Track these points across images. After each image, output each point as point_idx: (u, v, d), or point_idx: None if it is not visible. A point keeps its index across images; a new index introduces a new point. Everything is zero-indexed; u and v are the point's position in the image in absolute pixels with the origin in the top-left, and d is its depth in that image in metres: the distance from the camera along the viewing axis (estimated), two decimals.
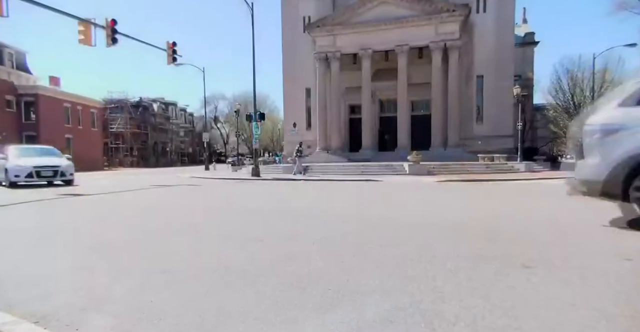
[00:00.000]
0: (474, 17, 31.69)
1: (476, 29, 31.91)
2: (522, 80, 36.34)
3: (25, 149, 19.12)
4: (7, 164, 16.09)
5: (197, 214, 8.17)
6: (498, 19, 31.51)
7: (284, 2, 36.77)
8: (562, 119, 42.66)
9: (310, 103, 36.08)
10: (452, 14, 29.86)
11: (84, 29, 15.29)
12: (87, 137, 46.88)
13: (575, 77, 39.08)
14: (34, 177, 16.03)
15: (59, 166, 16.73)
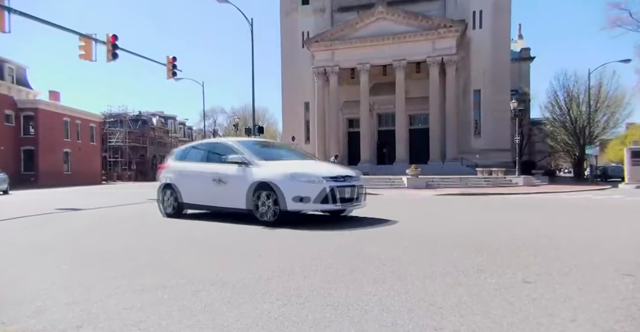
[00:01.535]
0: (471, 33, 32.18)
1: (473, 44, 32.36)
2: (518, 94, 36.67)
3: None
4: None
5: (198, 228, 8.12)
6: (494, 34, 31.99)
7: (283, 18, 37.33)
8: (559, 133, 42.90)
9: (309, 116, 36.29)
10: (448, 30, 30.33)
11: (85, 44, 15.47)
12: (86, 152, 46.89)
13: (571, 92, 39.48)
14: None
15: None
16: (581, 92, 38.23)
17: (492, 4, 32.25)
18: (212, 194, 8.34)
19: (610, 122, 40.13)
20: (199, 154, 9.29)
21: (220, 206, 8.43)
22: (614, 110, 38.94)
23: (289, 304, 3.08)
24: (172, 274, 4.05)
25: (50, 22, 14.71)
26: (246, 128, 28.38)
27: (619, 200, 14.77)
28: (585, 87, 34.88)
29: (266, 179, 7.44)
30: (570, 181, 33.06)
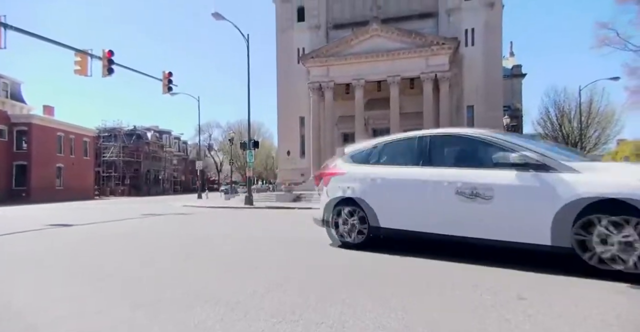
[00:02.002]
0: (463, 50, 32.78)
1: (465, 61, 32.93)
2: (511, 110, 37.21)
3: None
4: None
5: (190, 243, 8.04)
6: (486, 52, 32.61)
7: (279, 34, 37.85)
8: None
9: (305, 131, 36.44)
10: (441, 47, 30.87)
11: (81, 59, 15.50)
12: (79, 166, 46.59)
13: (562, 108, 40.15)
14: None
15: None
16: (572, 108, 38.91)
17: (484, 22, 32.99)
18: (454, 217, 5.29)
19: (601, 138, 40.72)
20: (406, 154, 6.17)
21: (474, 237, 5.19)
22: (604, 126, 39.56)
23: None
24: None
25: (47, 38, 14.81)
26: (241, 142, 28.39)
27: None
28: (576, 103, 35.53)
29: (614, 194, 4.11)
30: None
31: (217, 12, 21.97)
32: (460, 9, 33.05)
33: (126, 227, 11.60)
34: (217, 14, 22.00)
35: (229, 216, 16.62)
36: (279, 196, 26.44)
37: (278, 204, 23.53)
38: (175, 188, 73.71)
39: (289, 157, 37.02)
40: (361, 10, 35.47)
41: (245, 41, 23.99)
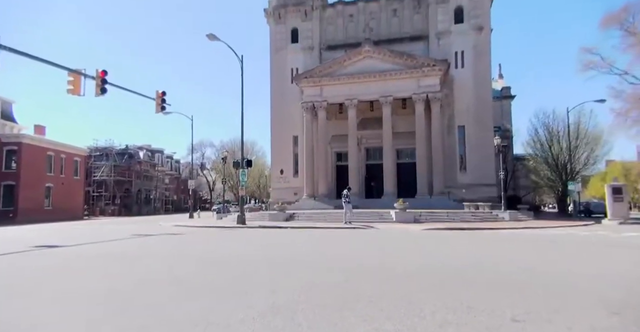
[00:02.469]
0: (453, 72, 33.41)
1: (456, 83, 33.52)
2: (501, 131, 37.67)
3: None
4: None
5: (182, 265, 7.89)
6: (475, 73, 33.26)
7: (273, 54, 38.37)
8: (542, 169, 43.74)
9: (298, 150, 36.51)
10: (432, 69, 31.45)
11: (74, 79, 15.47)
12: (69, 186, 45.93)
13: (551, 129, 40.67)
14: None
15: None
16: (561, 129, 39.43)
17: (473, 45, 33.79)
18: None
19: (590, 159, 41.14)
20: None
21: None
22: (593, 147, 40.02)
23: None
24: None
25: (40, 58, 14.81)
26: (234, 161, 28.30)
27: (605, 236, 14.90)
28: (565, 124, 36.09)
29: None
30: (555, 217, 33.40)
31: (212, 34, 22.29)
32: (450, 33, 33.87)
33: (113, 250, 11.38)
34: (212, 35, 22.31)
35: (220, 236, 16.41)
36: (272, 215, 26.23)
37: (270, 223, 23.32)
38: (166, 207, 72.85)
39: (282, 176, 36.92)
40: (354, 32, 36.23)
41: (239, 61, 24.28)
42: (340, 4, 37.08)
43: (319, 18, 37.32)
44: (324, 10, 37.48)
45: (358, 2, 36.58)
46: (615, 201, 23.64)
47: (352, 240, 13.58)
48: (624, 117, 26.28)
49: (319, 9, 37.26)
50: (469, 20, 33.54)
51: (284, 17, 37.84)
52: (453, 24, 33.86)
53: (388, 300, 4.37)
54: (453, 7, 33.86)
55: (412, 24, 35.37)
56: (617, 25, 25.80)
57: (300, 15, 37.48)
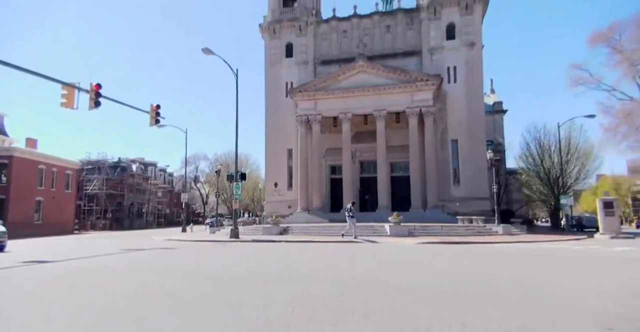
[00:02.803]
0: (446, 87, 33.86)
1: (448, 97, 33.93)
2: (494, 145, 37.96)
3: None
4: None
5: (174, 279, 7.77)
6: (467, 88, 33.73)
7: (268, 68, 38.69)
8: (534, 183, 43.99)
9: (292, 163, 36.51)
10: (425, 83, 31.86)
11: (67, 92, 15.33)
12: (60, 200, 45.28)
13: (542, 144, 41.04)
14: None
15: None
16: (552, 144, 39.81)
17: (465, 61, 34.36)
18: None
19: (581, 173, 41.44)
20: None
21: None
22: (584, 161, 40.37)
23: None
24: None
25: (34, 72, 14.67)
26: (228, 174, 28.19)
27: (597, 250, 14.94)
28: (556, 139, 36.48)
29: None
30: (548, 231, 33.47)
31: (207, 48, 22.47)
32: (443, 48, 34.45)
33: (103, 265, 11.19)
34: (207, 50, 22.48)
35: (213, 250, 16.23)
36: (266, 229, 26.03)
37: (264, 237, 23.13)
38: (159, 221, 72.08)
39: (276, 189, 36.81)
40: (348, 48, 36.72)
41: (234, 75, 24.43)
42: (334, 20, 37.68)
43: (313, 33, 37.84)
44: (319, 25, 38.03)
45: (352, 19, 37.20)
46: (607, 215, 23.76)
47: (346, 254, 13.49)
48: (613, 132, 26.60)
49: (314, 25, 37.80)
50: (461, 36, 34.18)
51: (278, 32, 38.32)
52: (445, 40, 34.47)
53: (382, 314, 4.33)
54: (445, 24, 34.53)
55: (405, 39, 35.95)
56: (605, 42, 26.40)
57: (295, 30, 37.99)
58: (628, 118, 25.60)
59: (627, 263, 10.95)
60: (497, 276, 7.74)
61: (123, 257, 13.20)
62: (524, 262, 10.64)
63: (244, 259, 12.00)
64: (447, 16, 34.50)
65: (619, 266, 10.28)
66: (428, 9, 34.81)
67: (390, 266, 10.02)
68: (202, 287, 6.64)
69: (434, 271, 8.87)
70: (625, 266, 10.32)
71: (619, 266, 10.27)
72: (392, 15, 36.72)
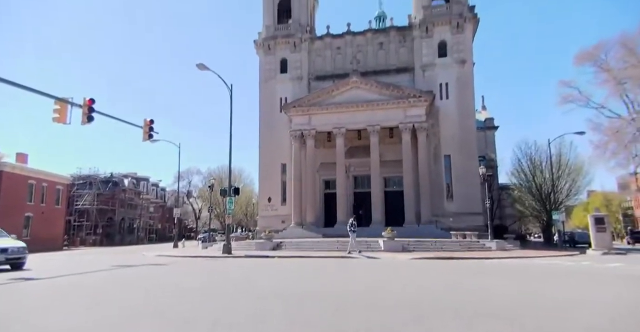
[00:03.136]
0: (439, 103, 34.30)
1: (441, 113, 34.33)
2: (486, 160, 38.28)
3: None
4: None
5: (164, 297, 7.62)
6: (459, 104, 34.19)
7: (263, 84, 38.99)
8: (526, 198, 44.18)
9: (286, 178, 36.44)
10: (418, 99, 32.25)
11: (60, 107, 15.22)
12: (49, 215, 44.55)
13: (534, 160, 41.38)
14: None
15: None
16: (543, 160, 40.17)
17: (456, 77, 34.94)
18: None
19: (572, 189, 41.71)
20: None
21: None
22: (574, 177, 40.69)
23: None
24: None
25: (26, 87, 14.61)
26: (221, 189, 28.02)
27: (589, 266, 14.94)
28: (547, 155, 36.84)
29: None
30: (541, 246, 33.49)
31: (202, 63, 22.63)
32: (435, 65, 35.04)
33: (93, 281, 10.97)
34: (202, 65, 22.63)
35: (205, 266, 16.00)
36: (259, 244, 25.78)
37: (257, 252, 22.88)
38: (150, 237, 71.09)
39: (269, 204, 36.62)
40: (341, 64, 37.22)
41: (228, 90, 24.55)
42: (328, 36, 38.28)
43: (307, 49, 38.35)
44: (313, 42, 38.59)
45: (345, 36, 37.83)
46: (598, 231, 23.81)
47: (340, 270, 13.36)
48: (603, 149, 26.83)
49: (308, 41, 38.35)
50: (452, 54, 34.83)
51: (273, 49, 38.78)
52: (437, 57, 35.11)
53: None
54: (437, 42, 35.22)
55: (398, 56, 36.55)
56: (591, 61, 26.90)
57: (290, 46, 38.48)
58: (617, 135, 25.88)
59: (620, 279, 10.96)
60: (493, 293, 7.70)
61: (113, 273, 12.95)
62: (518, 278, 10.61)
63: (235, 276, 11.85)
64: (439, 34, 35.23)
65: (610, 280, 10.28)
66: (420, 27, 35.55)
67: (385, 282, 9.93)
68: (193, 305, 6.51)
69: (429, 288, 8.80)
70: (617, 281, 10.32)
71: (609, 280, 10.27)
72: (385, 32, 37.44)
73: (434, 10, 36.10)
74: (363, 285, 9.22)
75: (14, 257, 13.87)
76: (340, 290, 8.20)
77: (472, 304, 6.11)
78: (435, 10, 36.13)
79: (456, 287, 8.55)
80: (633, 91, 25.47)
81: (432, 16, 35.57)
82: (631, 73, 24.42)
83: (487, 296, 7.08)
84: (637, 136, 25.41)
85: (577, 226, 65.68)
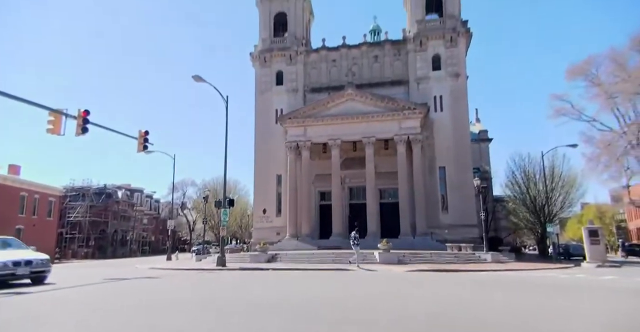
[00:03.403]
0: (433, 115, 34.58)
1: (435, 125, 34.58)
2: (480, 172, 38.44)
3: None
4: None
5: (158, 312, 7.50)
6: (453, 117, 34.49)
7: (258, 96, 39.15)
8: (520, 210, 44.20)
9: (281, 189, 36.34)
10: (413, 112, 32.52)
11: (54, 119, 15.11)
12: (41, 228, 43.94)
13: (527, 172, 41.53)
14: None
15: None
16: (537, 172, 40.30)
17: (450, 90, 35.31)
18: None
19: (566, 202, 41.81)
20: None
21: None
22: (568, 190, 40.82)
23: None
24: None
25: (21, 98, 14.56)
26: (216, 200, 27.88)
27: (584, 279, 14.92)
28: (540, 167, 37.01)
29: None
30: (536, 259, 33.42)
31: (198, 75, 22.72)
32: (429, 78, 35.45)
33: (84, 296, 10.77)
34: (198, 77, 22.72)
35: (198, 279, 15.80)
36: (253, 257, 25.53)
37: (251, 265, 22.65)
38: (143, 249, 70.22)
39: (264, 216, 36.41)
40: (337, 76, 37.56)
41: (224, 102, 24.61)
42: (323, 49, 38.69)
43: (303, 62, 38.69)
44: (308, 55, 38.96)
45: (341, 49, 38.25)
46: (592, 244, 23.84)
47: (337, 283, 13.25)
48: (595, 162, 26.99)
49: (304, 54, 38.72)
50: (446, 67, 35.29)
51: (269, 61, 39.10)
52: (431, 71, 35.54)
53: None
54: (431, 55, 35.71)
55: (392, 69, 36.96)
56: (582, 76, 27.27)
57: (285, 59, 38.82)
58: (608, 149, 26.09)
59: (617, 292, 10.95)
60: (492, 307, 7.66)
61: (105, 287, 12.75)
62: (515, 292, 10.57)
63: (229, 289, 11.72)
64: (433, 48, 35.74)
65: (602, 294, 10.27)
66: (414, 41, 36.06)
67: (381, 297, 9.86)
68: (189, 322, 6.42)
69: (426, 303, 8.74)
70: (611, 294, 10.31)
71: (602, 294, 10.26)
72: (380, 46, 37.92)
73: (427, 24, 36.69)
74: (362, 298, 9.13)
75: (38, 270, 13.10)
76: (339, 310, 8.13)
77: (473, 320, 6.07)
78: (429, 24, 36.71)
79: (455, 301, 8.50)
80: (624, 105, 25.79)
81: (426, 30, 36.13)
82: (622, 87, 24.78)
83: (488, 312, 7.04)
84: (629, 149, 25.65)
85: (571, 238, 65.68)
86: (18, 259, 12.58)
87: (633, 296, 10.19)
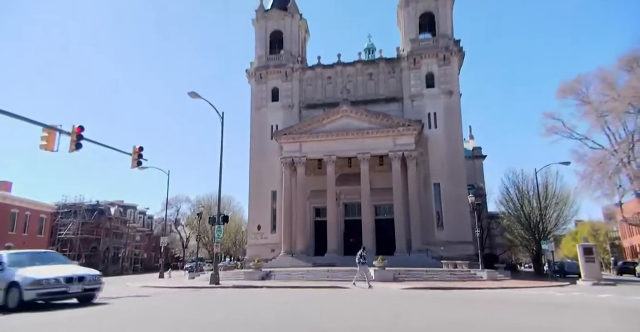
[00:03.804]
0: (427, 132, 34.87)
1: (430, 142, 34.83)
2: (475, 189, 38.47)
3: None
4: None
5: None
6: (447, 134, 34.77)
7: (254, 112, 39.34)
8: (515, 227, 44.09)
9: (276, 206, 36.14)
10: (407, 128, 32.78)
11: (48, 135, 14.98)
12: (30, 245, 42.95)
13: (521, 189, 41.62)
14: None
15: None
16: (530, 189, 40.41)
17: (444, 108, 35.71)
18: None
19: (560, 219, 41.79)
20: None
21: None
22: (561, 207, 40.87)
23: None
24: None
25: (14, 114, 14.49)
26: (210, 217, 27.61)
27: (582, 297, 14.83)
28: (534, 184, 37.18)
29: None
30: (531, 276, 33.26)
31: (194, 92, 22.81)
32: (423, 96, 35.89)
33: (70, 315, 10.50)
34: (194, 93, 22.82)
35: (191, 297, 15.51)
36: (247, 274, 25.18)
37: (245, 282, 22.31)
38: (135, 267, 68.91)
39: (259, 232, 36.08)
40: (332, 93, 37.95)
41: (219, 118, 24.62)
42: (319, 66, 39.18)
43: (298, 79, 39.12)
44: (304, 72, 39.42)
45: (336, 66, 38.77)
46: (587, 262, 23.76)
47: (334, 302, 13.06)
48: (588, 179, 27.17)
49: (299, 71, 39.19)
50: (440, 85, 35.80)
51: (265, 78, 39.48)
52: (425, 88, 36.04)
53: None
54: (424, 73, 36.27)
55: (387, 86, 37.44)
56: (573, 94, 27.74)
57: (281, 76, 39.23)
58: (600, 166, 26.31)
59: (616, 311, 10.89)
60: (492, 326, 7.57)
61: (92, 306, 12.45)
62: (515, 311, 10.47)
63: (222, 308, 11.50)
64: (426, 66, 36.32)
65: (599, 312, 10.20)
66: (408, 59, 36.66)
67: (377, 319, 9.72)
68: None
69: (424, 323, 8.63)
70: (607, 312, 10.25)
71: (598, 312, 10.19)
72: (374, 63, 38.50)
73: (421, 43, 37.38)
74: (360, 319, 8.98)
75: (90, 287, 11.77)
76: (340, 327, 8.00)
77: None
78: (423, 43, 37.41)
79: (453, 320, 8.39)
80: (614, 124, 26.18)
81: (419, 49, 36.78)
82: (611, 106, 25.18)
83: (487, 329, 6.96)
84: (620, 167, 25.89)
85: (566, 255, 65.52)
86: (70, 275, 11.23)
87: (632, 314, 10.16)
